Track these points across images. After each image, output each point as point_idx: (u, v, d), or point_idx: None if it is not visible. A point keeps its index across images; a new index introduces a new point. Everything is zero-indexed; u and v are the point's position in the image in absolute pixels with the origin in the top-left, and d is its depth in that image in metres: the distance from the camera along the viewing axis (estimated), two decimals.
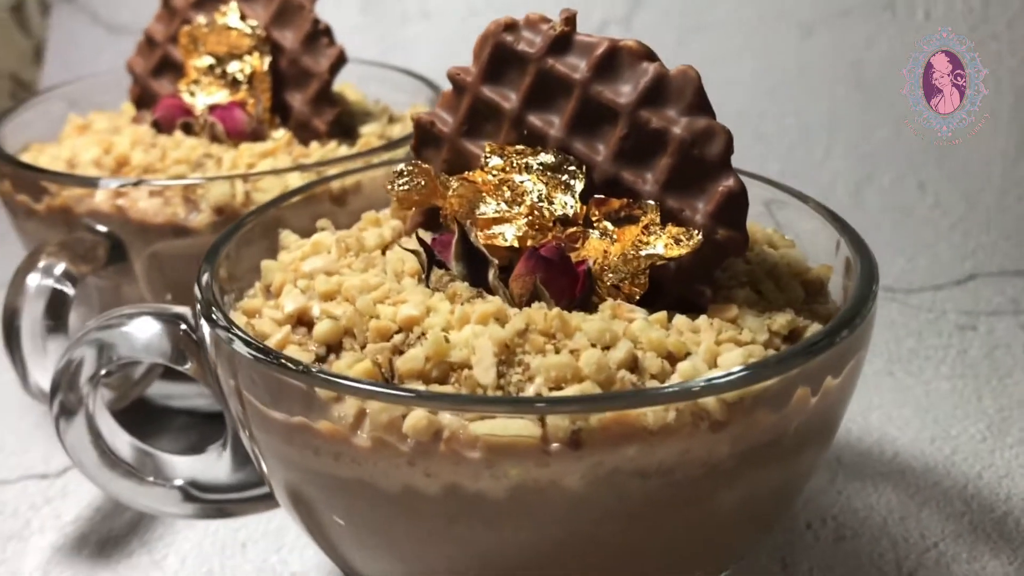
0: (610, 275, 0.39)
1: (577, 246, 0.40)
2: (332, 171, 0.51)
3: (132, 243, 0.50)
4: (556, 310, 0.36)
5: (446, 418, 0.32)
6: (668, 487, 0.33)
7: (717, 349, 0.35)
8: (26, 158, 0.56)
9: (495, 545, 0.35)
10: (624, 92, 0.40)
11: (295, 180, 0.51)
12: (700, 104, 0.39)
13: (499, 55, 0.42)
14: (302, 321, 0.38)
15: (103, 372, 0.41)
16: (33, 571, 0.49)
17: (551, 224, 0.40)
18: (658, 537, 0.35)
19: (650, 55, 0.40)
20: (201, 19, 0.58)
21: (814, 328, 0.38)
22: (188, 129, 0.56)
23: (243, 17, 0.58)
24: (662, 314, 0.37)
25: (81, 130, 0.60)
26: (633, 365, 0.35)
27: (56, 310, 0.47)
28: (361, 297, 0.38)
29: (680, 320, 0.37)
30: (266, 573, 0.48)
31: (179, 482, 0.44)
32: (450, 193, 0.41)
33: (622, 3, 0.97)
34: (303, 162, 0.54)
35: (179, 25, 0.59)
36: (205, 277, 0.39)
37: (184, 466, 0.44)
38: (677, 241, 0.38)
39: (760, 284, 0.40)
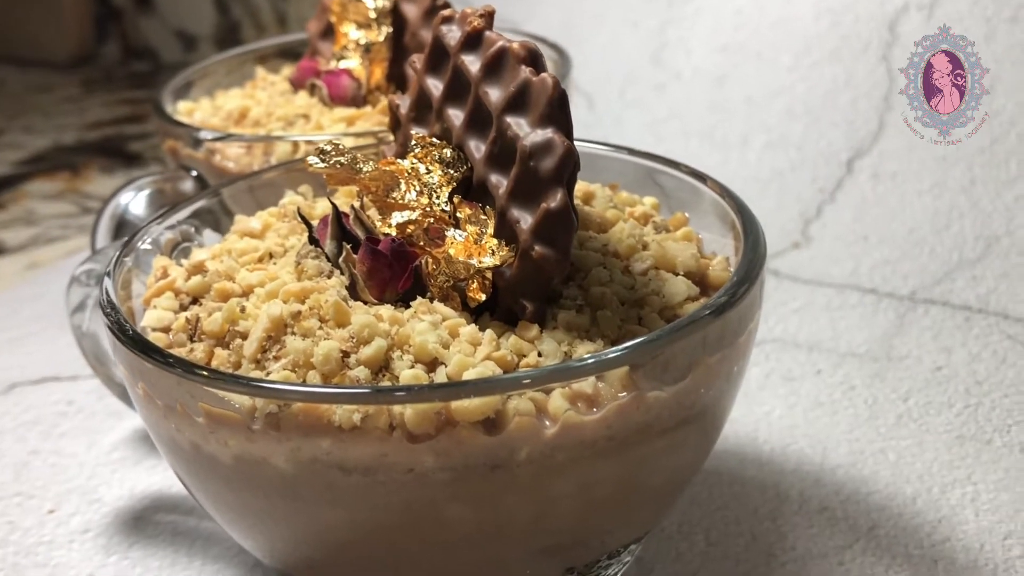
0: (439, 276, 0.39)
1: (441, 242, 0.40)
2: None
3: None
4: (335, 299, 0.37)
5: (183, 381, 0.35)
6: (376, 487, 0.34)
7: (468, 363, 0.35)
8: (194, 103, 0.66)
9: (239, 508, 0.37)
10: (497, 95, 0.39)
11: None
12: (550, 115, 0.37)
13: (436, 46, 0.43)
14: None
15: None
16: (108, 444, 0.59)
17: (445, 217, 0.41)
18: (387, 538, 0.36)
19: (530, 59, 0.39)
20: None
21: None
22: (312, 90, 0.63)
23: None
24: (455, 321, 0.37)
25: (259, 83, 0.68)
26: (384, 364, 0.35)
27: (128, 226, 0.55)
28: (229, 259, 0.42)
29: (468, 331, 0.37)
30: None
31: None
32: (360, 176, 0.43)
33: None
34: (372, 129, 0.58)
35: None
36: (151, 225, 0.45)
37: None
38: (492, 252, 0.37)
39: (603, 309, 0.38)
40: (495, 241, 0.37)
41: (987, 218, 0.75)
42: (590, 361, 0.33)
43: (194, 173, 0.58)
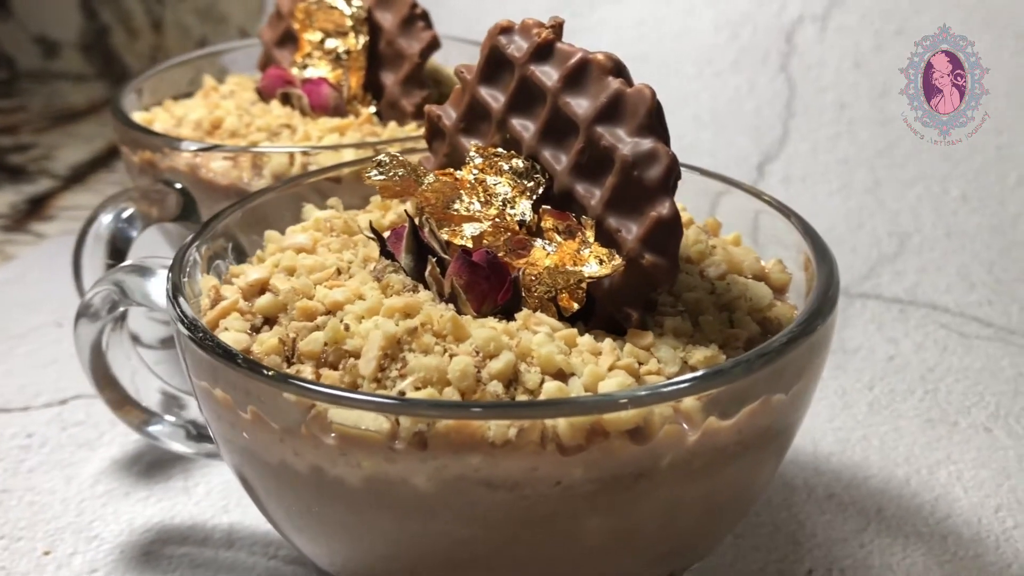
0: (539, 287, 0.39)
1: (524, 253, 0.40)
2: (392, 150, 0.54)
3: (202, 200, 0.55)
4: (451, 313, 0.37)
5: (306, 403, 0.34)
6: (520, 501, 0.34)
7: (601, 373, 0.35)
8: (149, 114, 0.63)
9: (359, 530, 0.36)
10: (585, 106, 0.40)
11: (349, 157, 0.54)
12: (650, 125, 0.38)
13: (494, 57, 0.43)
14: (264, 291, 0.41)
15: (120, 310, 0.46)
16: (88, 477, 0.55)
17: (516, 228, 0.41)
18: (518, 553, 0.36)
19: (617, 70, 0.40)
20: None
21: None
22: (286, 99, 0.61)
23: None
24: (570, 331, 0.37)
25: (210, 91, 0.65)
26: (512, 378, 0.35)
27: (117, 248, 0.52)
28: (304, 277, 0.40)
29: (585, 340, 0.37)
30: None
31: (187, 418, 0.49)
32: (422, 187, 0.42)
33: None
34: (367, 140, 0.57)
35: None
36: (192, 246, 0.43)
37: (193, 406, 0.49)
38: (600, 262, 0.38)
39: (702, 314, 0.39)
40: (604, 251, 0.38)
41: (895, 216, 0.81)
42: (737, 368, 0.34)
43: (178, 186, 0.55)
